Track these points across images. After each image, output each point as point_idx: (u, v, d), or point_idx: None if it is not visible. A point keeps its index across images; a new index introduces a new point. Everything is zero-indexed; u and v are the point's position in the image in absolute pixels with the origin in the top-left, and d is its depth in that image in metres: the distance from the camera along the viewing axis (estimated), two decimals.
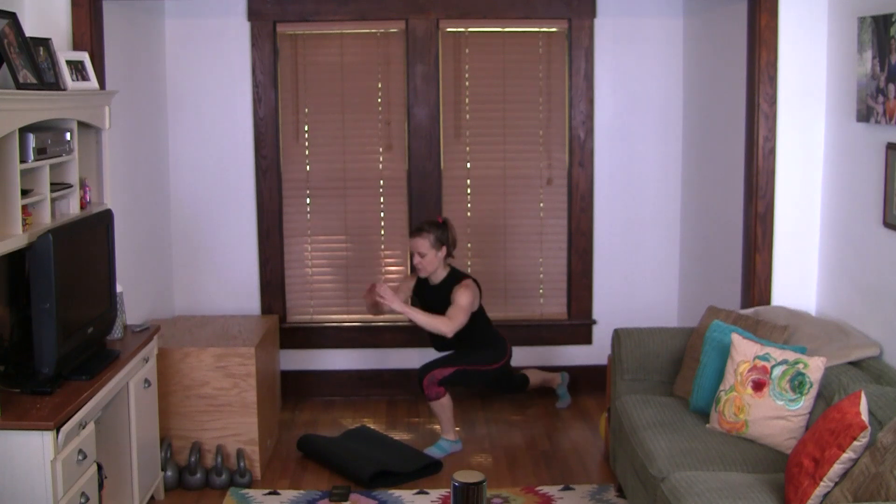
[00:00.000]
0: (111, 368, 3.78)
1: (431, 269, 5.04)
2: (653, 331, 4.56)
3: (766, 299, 4.62)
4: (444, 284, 5.07)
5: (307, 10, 5.69)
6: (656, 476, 3.61)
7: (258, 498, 4.56)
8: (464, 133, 5.90)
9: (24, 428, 3.17)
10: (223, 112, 5.77)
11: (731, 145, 4.96)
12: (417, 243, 5.01)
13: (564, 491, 4.60)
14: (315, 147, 5.90)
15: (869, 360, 3.87)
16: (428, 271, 5.05)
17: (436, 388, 5.01)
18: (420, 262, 5.02)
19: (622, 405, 4.29)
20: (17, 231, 3.41)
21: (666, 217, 5.95)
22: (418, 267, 5.04)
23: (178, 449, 4.73)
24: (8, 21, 3.61)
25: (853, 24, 4.12)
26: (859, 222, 4.18)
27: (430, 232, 5.00)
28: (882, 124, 3.89)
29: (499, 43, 5.87)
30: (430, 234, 5.00)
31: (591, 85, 5.80)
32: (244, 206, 5.85)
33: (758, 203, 4.58)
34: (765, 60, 4.49)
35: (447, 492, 4.57)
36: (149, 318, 5.19)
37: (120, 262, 4.35)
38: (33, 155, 3.49)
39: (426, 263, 5.02)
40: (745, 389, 3.80)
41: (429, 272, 5.05)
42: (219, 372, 4.70)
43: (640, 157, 5.90)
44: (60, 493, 3.21)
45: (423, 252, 5.00)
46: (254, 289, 5.91)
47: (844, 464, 3.03)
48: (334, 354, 5.99)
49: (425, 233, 5.01)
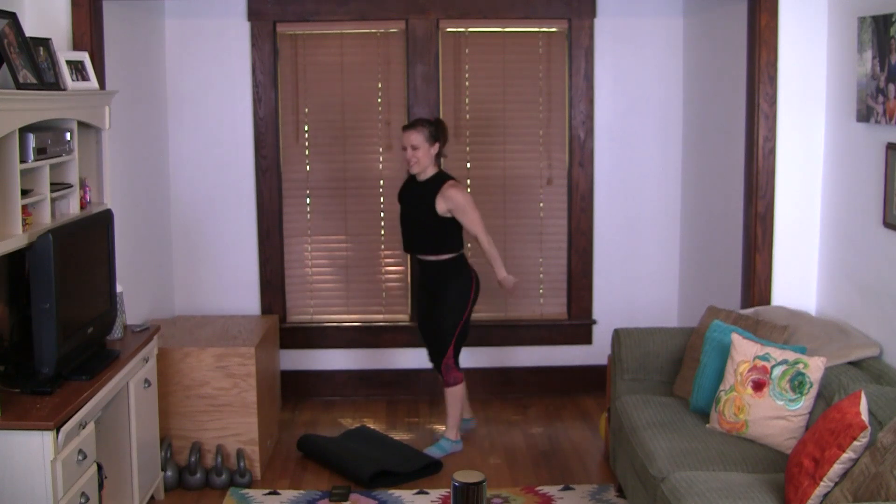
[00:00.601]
0: (111, 368, 3.78)
1: (425, 164, 4.94)
2: (653, 331, 4.56)
3: (766, 299, 4.62)
4: (430, 182, 4.97)
5: (307, 10, 5.69)
6: (656, 476, 3.61)
7: (258, 498, 4.56)
8: (464, 133, 5.90)
9: (24, 428, 3.17)
10: (223, 112, 5.77)
11: (731, 145, 4.96)
12: (411, 136, 4.91)
13: (564, 491, 4.60)
14: (315, 147, 5.90)
15: (869, 360, 3.87)
16: (421, 165, 4.94)
17: (454, 372, 5.04)
18: (413, 154, 4.92)
19: (622, 405, 4.29)
20: (17, 231, 3.41)
21: (666, 217, 5.95)
22: (411, 160, 4.94)
23: (178, 449, 4.73)
24: (8, 21, 3.61)
25: (853, 24, 4.12)
26: (859, 222, 4.18)
27: (424, 126, 4.92)
28: (882, 124, 3.89)
29: (499, 43, 5.87)
30: (424, 129, 4.91)
31: (591, 85, 5.81)
32: (244, 206, 5.85)
33: (758, 203, 4.58)
34: (765, 60, 4.49)
35: (447, 492, 4.57)
36: (149, 318, 5.19)
37: (120, 262, 4.35)
38: (33, 155, 3.49)
39: (420, 156, 4.92)
40: (745, 389, 3.80)
41: (422, 166, 4.95)
42: (219, 372, 4.70)
43: (640, 157, 5.90)
44: (60, 493, 3.21)
45: (417, 145, 4.90)
46: (254, 289, 5.91)
47: (844, 464, 3.03)
48: (334, 354, 5.99)
49: (420, 126, 4.92)
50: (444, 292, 5.00)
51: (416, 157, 4.92)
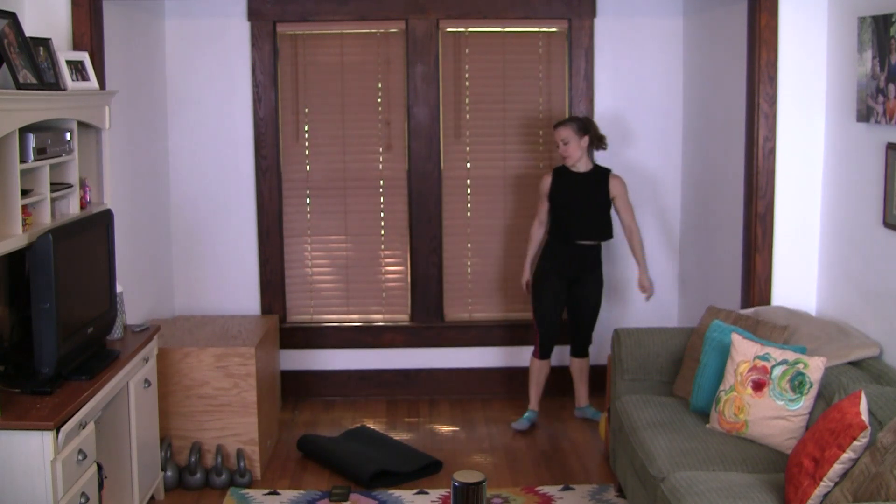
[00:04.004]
0: (111, 368, 3.78)
1: (577, 156, 5.25)
2: (653, 331, 4.56)
3: (766, 299, 4.62)
4: (592, 174, 5.33)
5: (307, 10, 5.69)
6: (656, 476, 3.61)
7: (258, 498, 4.56)
8: (464, 133, 5.90)
9: (24, 428, 3.17)
10: (223, 112, 5.77)
11: (731, 145, 4.96)
12: (560, 131, 5.26)
13: (564, 491, 4.60)
14: (315, 147, 5.90)
15: (869, 360, 3.87)
16: (574, 158, 5.25)
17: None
18: (564, 149, 5.24)
19: (622, 405, 4.29)
20: (17, 231, 3.41)
21: (666, 217, 5.95)
22: (564, 154, 5.26)
23: (178, 449, 4.73)
24: (8, 21, 3.61)
25: (853, 24, 4.12)
26: (859, 222, 4.18)
27: (572, 121, 5.28)
28: (882, 124, 3.89)
29: (499, 43, 5.87)
30: (573, 123, 5.26)
31: (591, 85, 5.80)
32: (244, 206, 5.85)
33: (758, 203, 4.58)
34: (765, 60, 4.49)
35: (447, 492, 4.57)
36: (149, 318, 5.19)
37: (120, 262, 4.35)
38: (33, 155, 3.49)
39: (571, 150, 5.23)
40: (745, 389, 3.80)
41: (575, 159, 5.26)
42: (219, 372, 4.70)
43: (640, 157, 5.89)
44: (60, 494, 3.21)
45: (567, 139, 5.23)
46: (254, 289, 5.91)
47: (844, 464, 3.03)
48: (334, 354, 5.99)
49: (567, 122, 5.28)
50: (599, 272, 5.41)
51: (568, 151, 5.24)
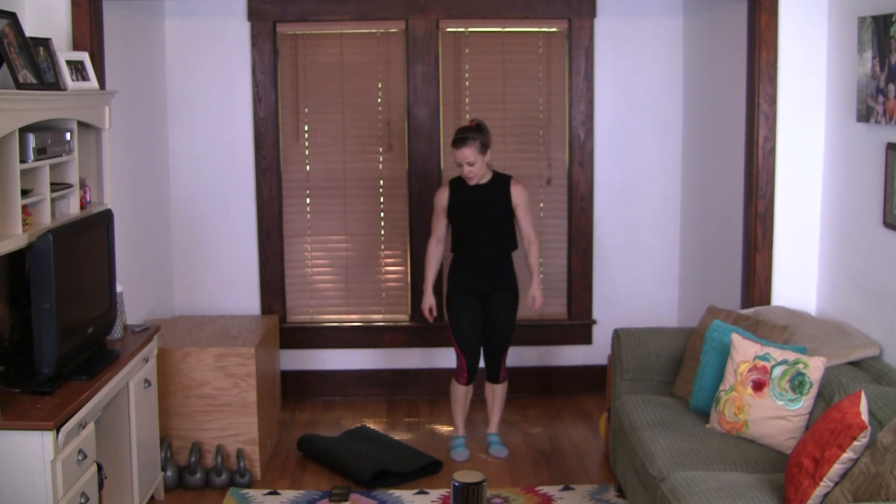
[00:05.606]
0: (111, 368, 3.78)
1: (481, 174, 4.95)
2: (653, 331, 4.56)
3: (766, 299, 4.62)
4: (493, 183, 4.98)
5: (307, 10, 5.69)
6: (656, 476, 3.61)
7: (258, 498, 4.56)
8: None
9: (24, 428, 3.17)
10: (223, 112, 5.77)
11: (731, 145, 4.96)
12: (465, 153, 4.85)
13: (564, 491, 4.60)
14: (315, 147, 5.90)
15: (869, 360, 3.87)
16: (478, 177, 4.95)
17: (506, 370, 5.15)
18: (470, 170, 4.91)
19: (622, 405, 4.29)
20: (17, 231, 3.41)
21: (666, 217, 5.95)
22: (468, 176, 4.93)
23: (178, 449, 4.73)
24: (8, 21, 3.60)
25: (853, 24, 4.12)
26: (859, 222, 4.18)
27: (475, 139, 4.86)
28: (882, 124, 3.89)
29: (499, 43, 5.87)
30: (476, 142, 4.85)
31: (591, 85, 5.81)
32: (244, 206, 5.85)
33: (758, 203, 4.58)
34: (765, 60, 4.49)
35: (447, 492, 4.57)
36: (149, 318, 5.19)
37: (120, 262, 4.35)
38: (33, 155, 3.49)
39: (476, 171, 4.91)
40: (745, 389, 3.80)
41: (478, 178, 4.96)
42: (219, 372, 4.70)
43: (640, 157, 5.90)
44: (60, 494, 3.21)
45: (472, 160, 4.88)
46: (254, 289, 5.91)
47: (844, 464, 3.03)
48: (334, 354, 5.99)
49: (471, 140, 4.85)
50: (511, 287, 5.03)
51: (473, 173, 4.90)
